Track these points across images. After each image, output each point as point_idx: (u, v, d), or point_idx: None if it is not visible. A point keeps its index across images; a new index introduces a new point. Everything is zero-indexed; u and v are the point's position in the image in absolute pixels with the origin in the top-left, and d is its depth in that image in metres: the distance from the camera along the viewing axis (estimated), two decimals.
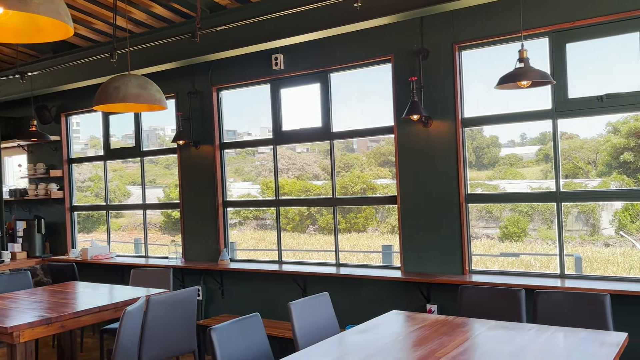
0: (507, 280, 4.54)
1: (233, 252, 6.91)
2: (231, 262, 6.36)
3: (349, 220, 13.05)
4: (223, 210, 6.54)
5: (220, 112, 6.54)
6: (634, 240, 10.38)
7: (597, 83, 4.47)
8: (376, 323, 3.68)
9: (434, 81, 5.03)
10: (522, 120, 4.79)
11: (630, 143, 10.27)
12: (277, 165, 6.27)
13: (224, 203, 6.54)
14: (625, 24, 4.25)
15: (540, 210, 11.18)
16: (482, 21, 4.78)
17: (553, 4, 4.47)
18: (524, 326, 3.46)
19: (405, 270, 5.23)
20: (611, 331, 3.43)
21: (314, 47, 5.64)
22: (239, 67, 6.19)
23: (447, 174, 5.00)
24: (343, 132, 5.76)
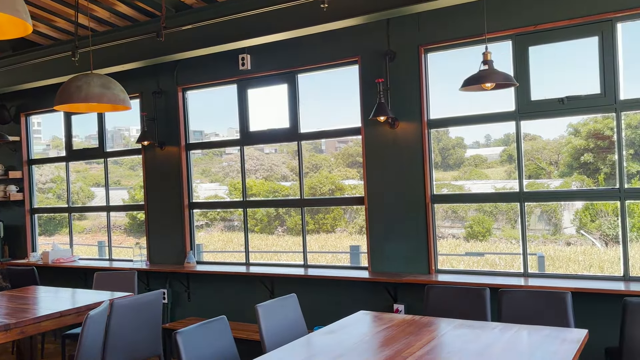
0: (472, 280, 4.61)
1: (199, 254, 6.83)
2: (197, 265, 6.28)
3: (318, 221, 13.05)
4: (189, 211, 6.45)
5: (185, 112, 6.45)
6: (593, 238, 10.65)
7: (559, 85, 4.58)
8: (344, 324, 3.68)
9: (401, 83, 5.07)
10: (486, 121, 4.87)
11: (590, 144, 10.54)
12: (245, 166, 6.22)
13: (190, 205, 6.46)
14: (586, 28, 4.36)
15: (504, 210, 11.40)
16: (447, 24, 4.84)
17: (516, 8, 4.56)
18: (488, 325, 3.51)
19: (373, 271, 5.25)
20: (572, 328, 3.51)
21: (281, 48, 5.62)
22: (205, 67, 6.13)
23: (414, 175, 5.05)
24: (311, 133, 5.75)
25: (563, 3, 4.39)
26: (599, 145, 10.39)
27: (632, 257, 9.75)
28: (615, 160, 4.36)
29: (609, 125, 9.30)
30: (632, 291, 3.97)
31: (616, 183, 4.35)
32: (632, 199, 4.37)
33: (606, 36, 4.28)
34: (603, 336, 4.03)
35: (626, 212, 4.33)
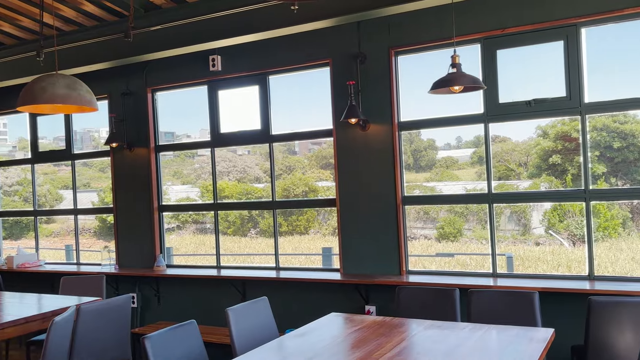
0: (443, 280, 4.65)
1: (170, 257, 6.74)
2: (168, 268, 6.20)
3: (291, 222, 13.04)
4: (159, 214, 6.36)
5: (155, 113, 6.37)
6: (561, 238, 10.87)
7: (526, 88, 4.66)
8: (315, 326, 3.67)
9: (372, 85, 5.10)
10: (455, 124, 4.93)
11: (558, 146, 10.77)
12: (216, 168, 6.17)
13: (160, 207, 6.37)
14: (551, 32, 4.45)
15: (475, 211, 11.56)
16: (417, 27, 4.88)
17: (485, 12, 4.62)
18: (458, 325, 3.54)
19: (345, 272, 5.26)
20: (539, 327, 3.57)
21: (252, 49, 5.60)
22: (175, 68, 6.06)
23: (385, 177, 5.07)
24: (283, 135, 5.73)
25: (529, 8, 4.47)
26: (567, 147, 10.63)
27: (599, 256, 9.95)
28: (581, 162, 4.45)
29: (575, 128, 9.51)
30: (597, 290, 4.06)
31: (581, 184, 4.45)
32: (597, 199, 4.47)
33: (571, 41, 4.37)
34: (569, 334, 4.10)
35: (591, 213, 4.42)
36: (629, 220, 10.84)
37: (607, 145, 10.31)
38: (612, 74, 4.76)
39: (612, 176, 10.24)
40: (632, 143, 10.10)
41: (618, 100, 4.31)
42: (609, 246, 10.29)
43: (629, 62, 4.81)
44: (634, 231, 10.76)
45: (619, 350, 3.58)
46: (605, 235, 10.41)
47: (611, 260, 9.83)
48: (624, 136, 10.14)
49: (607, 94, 4.38)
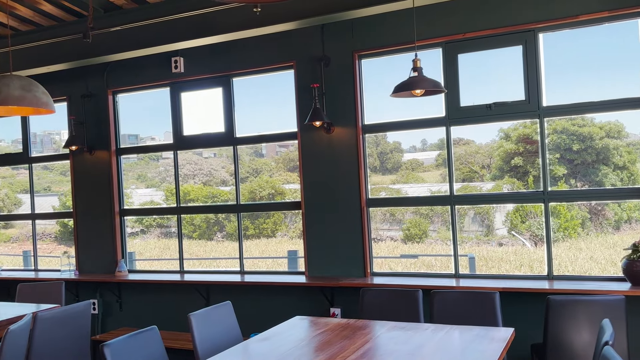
0: (407, 282, 4.69)
1: (132, 262, 6.61)
2: (130, 274, 6.08)
3: (258, 225, 12.94)
4: (120, 218, 6.23)
5: (116, 116, 6.25)
6: (523, 239, 11.08)
7: (487, 92, 4.75)
8: (279, 330, 3.66)
9: (336, 88, 5.11)
10: (418, 127, 4.98)
11: (519, 148, 10.99)
12: (179, 171, 6.08)
13: (121, 211, 6.24)
14: (510, 37, 4.54)
15: (440, 213, 11.70)
16: (380, 31, 4.92)
17: (446, 16, 4.69)
18: (421, 326, 3.57)
19: (310, 275, 5.25)
20: (500, 327, 3.63)
21: (215, 51, 5.54)
22: (137, 69, 5.95)
23: (349, 179, 5.09)
24: (247, 138, 5.70)
25: (489, 13, 4.55)
26: (528, 150, 10.86)
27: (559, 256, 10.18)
28: (545, 163, 4.55)
29: (536, 130, 9.75)
30: (555, 289, 4.15)
31: (540, 186, 4.55)
32: (555, 201, 4.58)
33: (529, 45, 4.47)
34: (529, 333, 4.19)
35: (550, 214, 4.53)
36: (587, 221, 11.11)
37: (567, 148, 10.56)
38: (569, 78, 4.89)
39: (572, 178, 10.49)
40: (590, 145, 10.37)
41: (575, 103, 4.43)
42: (569, 246, 10.54)
43: (584, 66, 4.95)
44: (592, 231, 11.05)
45: (576, 347, 3.67)
46: (566, 235, 10.66)
47: (571, 259, 10.08)
48: (582, 139, 10.39)
49: (565, 98, 4.50)
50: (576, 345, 3.67)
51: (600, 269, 9.17)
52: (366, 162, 5.12)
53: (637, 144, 10.13)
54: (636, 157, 9.93)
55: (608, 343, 2.69)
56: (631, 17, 4.23)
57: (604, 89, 4.46)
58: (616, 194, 4.84)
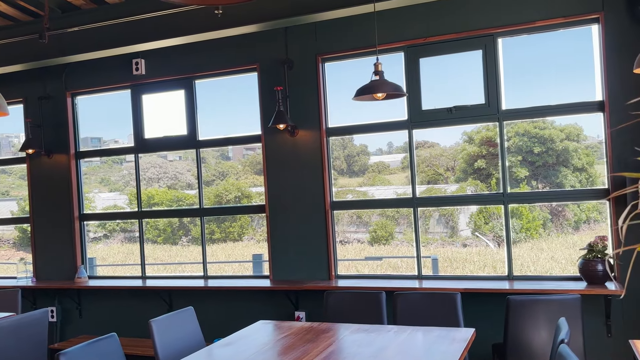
0: (371, 284, 4.71)
1: (93, 268, 6.47)
2: (90, 280, 5.93)
3: (224, 229, 12.83)
4: (80, 223, 6.08)
5: (75, 118, 6.10)
6: (487, 240, 11.26)
7: (448, 96, 4.81)
8: (242, 334, 3.62)
9: (299, 91, 5.11)
10: (381, 130, 5.02)
11: (482, 151, 11.18)
12: (143, 174, 5.98)
13: (81, 216, 6.09)
14: (471, 41, 4.62)
15: (406, 215, 11.81)
16: (343, 34, 4.94)
17: (408, 20, 4.74)
18: (384, 328, 3.59)
19: (274, 279, 5.23)
20: (461, 328, 3.68)
21: (177, 53, 5.47)
22: (97, 71, 5.83)
23: (314, 182, 5.09)
24: (210, 141, 5.63)
25: (450, 18, 4.62)
26: (491, 152, 11.06)
27: (521, 256, 10.35)
28: (505, 166, 4.63)
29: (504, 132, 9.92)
30: (515, 289, 4.23)
31: (501, 188, 4.63)
32: (514, 202, 4.67)
33: (489, 50, 4.56)
34: (491, 333, 4.26)
35: (509, 215, 4.61)
36: (548, 222, 11.37)
37: (529, 150, 10.78)
38: (527, 83, 5.00)
39: (534, 179, 10.71)
40: (551, 148, 10.62)
41: (533, 107, 4.53)
42: (531, 246, 10.76)
43: (542, 71, 5.07)
44: (553, 232, 11.32)
45: (535, 346, 3.74)
46: (528, 236, 10.88)
47: (533, 259, 10.29)
48: (543, 141, 10.62)
49: (523, 101, 4.59)
50: (535, 344, 3.74)
51: (560, 269, 9.40)
52: (330, 165, 5.13)
53: (595, 147, 10.43)
54: (594, 160, 10.22)
55: (564, 341, 2.75)
56: (585, 23, 4.36)
57: (562, 93, 4.58)
58: (573, 195, 4.97)
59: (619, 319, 4.22)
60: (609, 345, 4.24)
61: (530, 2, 4.40)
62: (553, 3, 4.35)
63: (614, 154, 4.20)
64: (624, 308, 4.19)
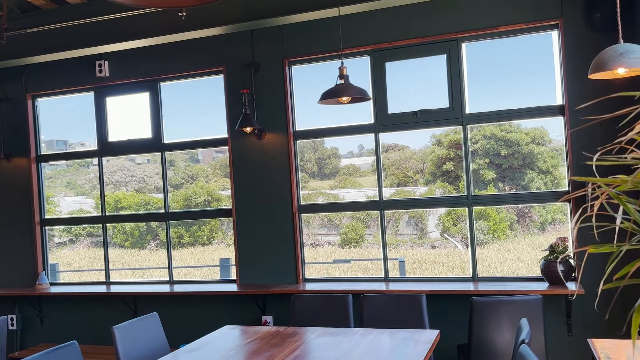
0: (338, 287, 4.71)
1: (55, 274, 6.31)
2: (52, 286, 5.79)
3: (193, 233, 12.70)
4: (41, 229, 5.93)
5: (36, 121, 5.96)
6: (455, 241, 11.40)
7: (413, 100, 4.86)
8: (208, 340, 3.59)
9: (266, 94, 5.09)
10: (348, 133, 5.04)
11: (451, 154, 11.32)
12: (106, 178, 5.87)
13: (42, 221, 5.94)
14: (435, 46, 4.67)
15: (376, 217, 11.89)
16: (309, 38, 4.94)
17: (373, 24, 4.77)
18: (350, 331, 3.60)
19: (242, 283, 5.19)
20: (426, 329, 3.71)
21: (142, 55, 5.39)
22: (58, 73, 5.70)
23: (281, 186, 5.07)
24: (175, 144, 5.57)
25: (415, 22, 4.67)
26: (459, 155, 11.22)
27: (489, 257, 10.47)
28: (469, 169, 4.69)
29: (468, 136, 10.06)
30: (479, 291, 4.29)
31: (465, 190, 4.69)
32: (479, 204, 4.74)
33: (453, 54, 4.62)
34: (456, 334, 4.30)
35: (473, 218, 4.68)
36: (515, 223, 11.57)
37: (495, 153, 10.96)
38: (490, 87, 5.08)
39: (500, 182, 10.89)
40: (517, 151, 10.81)
41: (496, 111, 4.60)
42: (498, 247, 10.93)
43: (505, 75, 5.17)
44: (520, 233, 11.52)
45: (499, 346, 3.80)
46: (495, 237, 11.06)
47: (500, 260, 10.46)
48: (510, 144, 10.80)
49: (487, 105, 4.67)
50: (499, 345, 3.80)
51: (527, 269, 9.57)
52: (298, 168, 5.12)
53: (560, 149, 10.67)
54: (558, 162, 10.44)
55: (524, 341, 2.79)
56: (545, 29, 4.46)
57: (524, 97, 4.67)
58: (536, 197, 5.06)
59: (579, 318, 4.32)
60: (570, 344, 4.34)
61: (493, 8, 4.48)
62: (515, 9, 4.43)
63: (574, 157, 4.30)
64: (584, 308, 4.29)
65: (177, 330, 4.96)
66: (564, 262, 4.22)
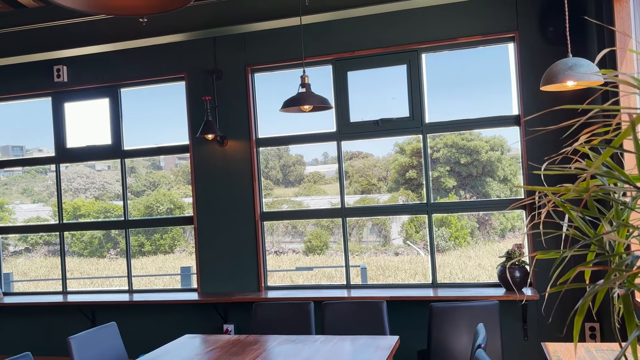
0: (300, 294, 4.72)
1: (9, 284, 6.12)
2: (5, 296, 5.62)
3: (155, 241, 12.49)
4: None
5: None
6: (418, 248, 11.54)
7: (375, 108, 4.93)
8: (167, 349, 3.54)
9: (228, 101, 5.08)
10: (311, 141, 5.08)
11: (413, 162, 11.48)
12: (64, 185, 5.74)
13: None
14: (396, 56, 4.76)
15: (340, 224, 11.95)
16: (272, 46, 4.96)
17: (336, 34, 4.83)
18: (311, 338, 3.60)
19: (202, 292, 5.14)
20: (387, 335, 3.75)
21: (102, 60, 5.31)
22: (14, 77, 5.55)
23: (243, 193, 5.06)
24: (136, 150, 5.49)
25: (376, 32, 4.74)
26: (421, 163, 11.40)
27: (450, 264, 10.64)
28: (429, 177, 4.78)
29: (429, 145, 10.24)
30: (439, 297, 4.36)
31: (425, 198, 4.77)
32: (438, 212, 4.83)
33: (413, 65, 4.71)
34: (416, 339, 4.35)
35: (433, 225, 4.76)
36: (476, 230, 11.79)
37: (456, 161, 11.16)
38: (449, 97, 5.20)
39: (461, 189, 11.10)
40: (477, 159, 11.05)
41: (454, 120, 4.71)
42: (459, 254, 11.12)
43: (463, 86, 5.29)
44: (481, 240, 11.75)
45: (457, 351, 3.87)
46: (456, 244, 11.24)
47: (461, 267, 10.63)
48: (470, 152, 11.02)
49: (446, 115, 4.77)
50: (457, 350, 3.86)
51: (487, 276, 9.77)
52: (260, 175, 5.12)
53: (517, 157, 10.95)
54: (517, 170, 10.70)
55: (481, 346, 2.85)
56: (502, 42, 4.59)
57: (482, 107, 4.79)
58: (494, 205, 5.19)
59: (535, 322, 4.44)
60: (526, 348, 4.45)
61: (452, 20, 4.59)
62: (473, 21, 4.55)
63: (529, 166, 4.43)
64: (539, 312, 4.41)
65: (136, 340, 4.86)
66: (520, 268, 4.33)
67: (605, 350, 2.66)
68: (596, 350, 2.67)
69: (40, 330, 5.49)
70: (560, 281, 1.34)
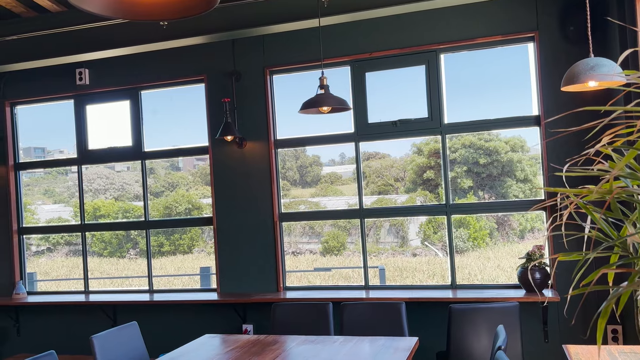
0: (319, 295, 4.73)
1: (33, 283, 6.23)
2: (29, 296, 5.72)
3: (174, 242, 12.61)
4: (19, 237, 5.86)
5: (15, 129, 5.90)
6: (436, 249, 11.48)
7: (393, 109, 4.92)
8: (187, 349, 3.58)
9: (247, 103, 5.11)
10: (329, 142, 5.09)
11: (431, 162, 11.42)
12: (85, 186, 5.83)
13: (20, 230, 5.87)
14: (414, 57, 4.75)
15: (357, 225, 11.94)
16: (290, 48, 4.99)
17: (354, 35, 4.83)
18: (330, 339, 3.62)
19: (222, 292, 5.18)
20: (406, 337, 3.74)
21: (123, 63, 5.38)
22: (38, 80, 5.66)
23: (262, 194, 5.09)
24: (156, 152, 5.55)
25: (394, 33, 4.74)
26: (439, 163, 11.34)
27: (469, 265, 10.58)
28: (447, 178, 4.76)
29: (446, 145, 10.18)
30: (458, 298, 4.34)
31: (444, 199, 4.76)
32: (457, 213, 4.81)
33: (432, 65, 4.70)
34: (435, 341, 4.34)
35: (452, 226, 4.74)
36: (495, 231, 11.69)
37: (474, 162, 11.08)
38: (468, 97, 5.17)
39: (480, 190, 11.01)
40: (496, 159, 10.96)
41: (473, 121, 4.69)
42: (478, 255, 11.04)
43: (482, 86, 5.26)
44: (500, 241, 11.66)
45: (477, 353, 3.85)
46: (475, 245, 11.17)
47: (480, 268, 10.56)
48: (489, 153, 10.94)
49: (464, 115, 4.75)
50: (477, 351, 3.84)
51: (506, 277, 9.69)
52: (279, 176, 5.15)
53: (537, 158, 10.84)
54: (537, 170, 10.60)
55: (501, 348, 2.84)
56: (522, 41, 4.56)
57: (501, 108, 4.76)
58: (514, 206, 5.16)
59: (556, 324, 4.39)
60: (546, 351, 4.41)
61: (471, 20, 4.57)
62: (492, 21, 4.53)
63: (550, 167, 4.39)
64: (560, 314, 4.37)
65: (156, 340, 4.92)
66: (540, 270, 4.29)
67: (628, 353, 2.63)
68: (619, 353, 2.64)
69: (64, 329, 5.58)
70: (584, 283, 1.33)
